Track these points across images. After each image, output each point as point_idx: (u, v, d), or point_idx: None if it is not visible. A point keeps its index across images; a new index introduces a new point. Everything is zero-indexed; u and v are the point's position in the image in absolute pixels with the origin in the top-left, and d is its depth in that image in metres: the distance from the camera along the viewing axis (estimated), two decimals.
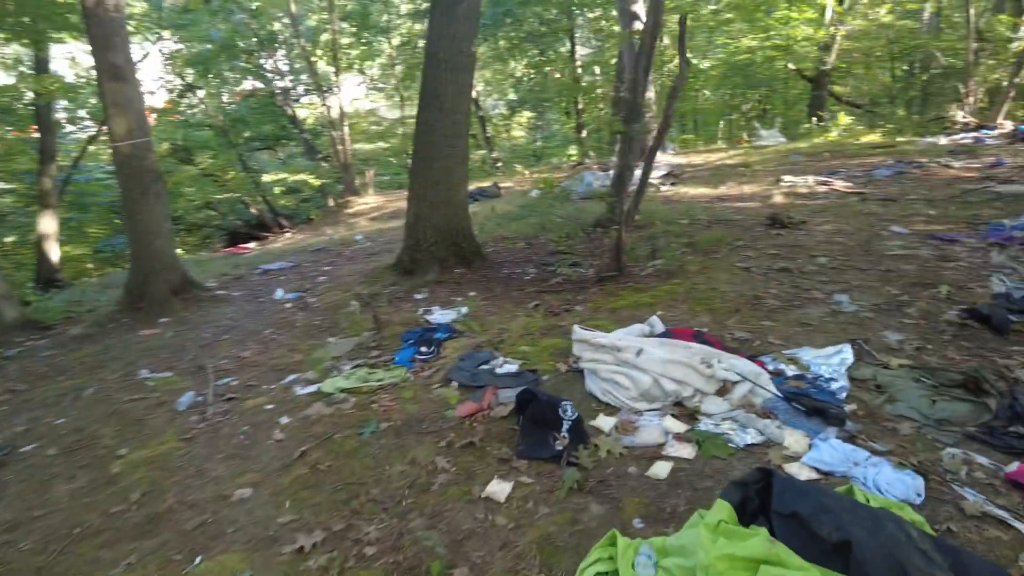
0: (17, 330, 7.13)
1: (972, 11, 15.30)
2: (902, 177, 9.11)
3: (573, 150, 27.89)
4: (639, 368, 3.29)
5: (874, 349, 3.78)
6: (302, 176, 18.97)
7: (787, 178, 9.51)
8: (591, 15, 22.62)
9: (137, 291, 6.74)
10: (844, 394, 3.26)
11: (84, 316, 7.41)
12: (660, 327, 3.92)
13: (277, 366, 4.88)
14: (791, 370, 3.54)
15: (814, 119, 16.57)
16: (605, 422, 3.14)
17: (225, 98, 23.92)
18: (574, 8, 21.20)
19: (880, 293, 4.60)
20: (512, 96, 28.12)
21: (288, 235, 17.08)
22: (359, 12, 20.88)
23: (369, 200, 17.54)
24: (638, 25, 12.83)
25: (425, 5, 23.13)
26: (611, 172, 11.91)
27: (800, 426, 2.97)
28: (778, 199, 8.30)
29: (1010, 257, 5.30)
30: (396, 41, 25.51)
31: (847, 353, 3.64)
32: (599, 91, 25.58)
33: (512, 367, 3.82)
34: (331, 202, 19.41)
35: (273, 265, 8.28)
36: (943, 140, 12.43)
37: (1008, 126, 13.56)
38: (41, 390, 5.08)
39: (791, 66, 19.55)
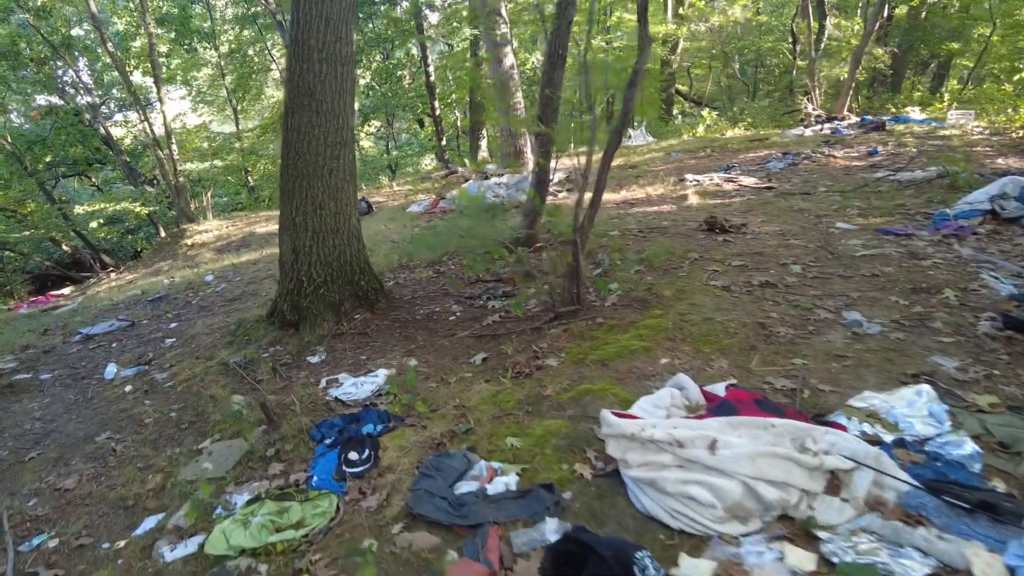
0: None
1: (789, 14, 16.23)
2: (797, 169, 8.96)
3: (428, 160, 26.66)
4: (719, 471, 2.22)
5: (940, 381, 3.03)
6: (124, 204, 16.06)
7: (690, 177, 9.02)
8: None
9: None
10: (978, 465, 2.41)
11: None
12: (695, 391, 2.87)
13: (123, 501, 3.25)
14: (881, 431, 2.65)
15: (679, 116, 16.72)
16: (696, 569, 2.02)
17: (16, 117, 20.06)
18: (422, 5, 20.00)
19: (888, 305, 3.93)
20: (357, 104, 26.34)
21: (114, 275, 14.28)
22: (178, 16, 18.18)
23: (209, 227, 15.16)
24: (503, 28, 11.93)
25: (254, 9, 20.83)
26: (498, 180, 10.92)
27: (969, 533, 2.05)
28: (693, 200, 7.70)
29: (977, 249, 4.93)
30: (224, 49, 22.82)
31: (929, 396, 2.83)
32: (454, 96, 24.58)
33: (508, 481, 2.57)
34: (163, 232, 16.72)
35: (97, 328, 6.24)
36: (808, 132, 12.79)
37: (852, 117, 14.40)
38: None
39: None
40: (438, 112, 21.77)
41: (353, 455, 3.03)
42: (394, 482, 2.77)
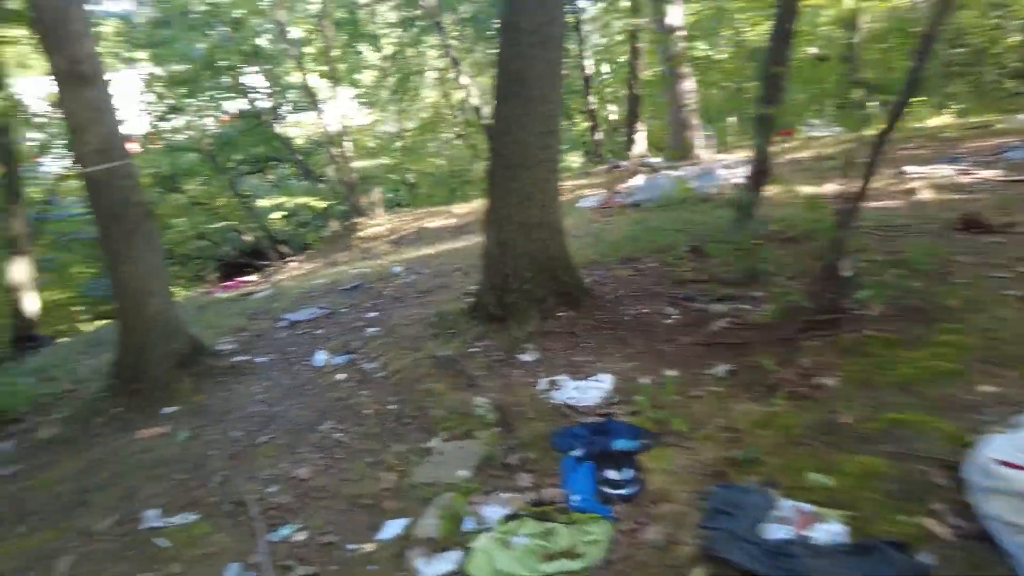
0: None
1: None
2: None
3: (576, 155, 26.26)
4: None
5: None
6: (303, 199, 17.22)
7: (911, 169, 7.89)
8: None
9: (131, 369, 4.97)
10: None
11: (61, 402, 5.62)
12: None
13: (358, 498, 3.15)
14: None
15: (871, 104, 15.01)
16: None
17: (211, 120, 22.23)
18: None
19: None
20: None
21: (294, 264, 15.30)
22: (349, 19, 19.19)
23: (380, 221, 15.80)
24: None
25: (415, 12, 21.59)
26: (671, 172, 10.28)
27: None
28: (925, 195, 6.68)
29: None
30: (387, 51, 23.89)
31: None
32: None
33: (832, 530, 2.09)
34: (335, 226, 17.73)
35: (301, 314, 6.51)
36: None
37: None
38: None
39: (812, 51, 18.07)
40: (593, 106, 21.33)
41: (611, 473, 2.70)
42: (674, 514, 2.38)
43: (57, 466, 4.20)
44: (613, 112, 25.40)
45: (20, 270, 11.08)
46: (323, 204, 17.37)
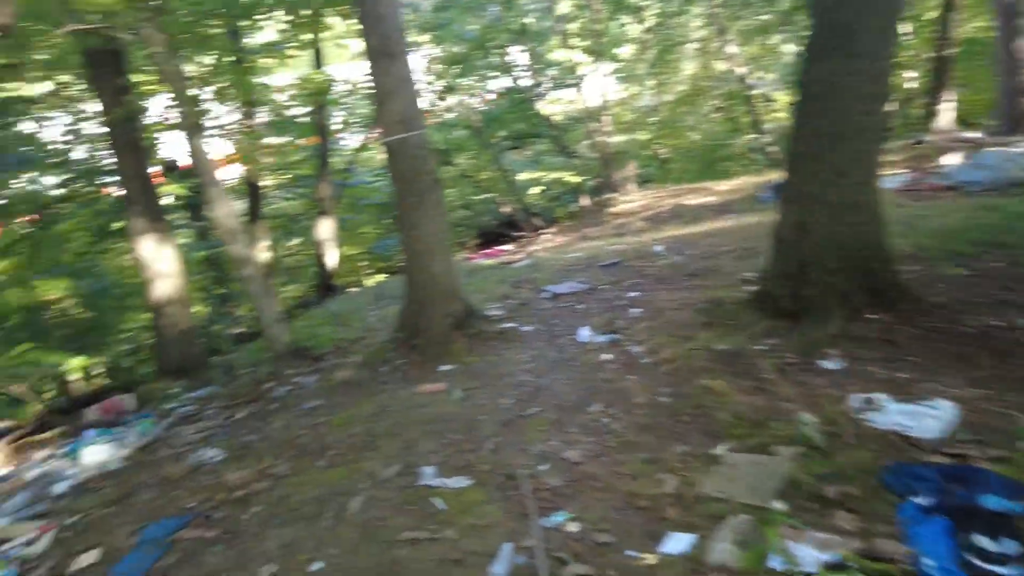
0: (288, 358, 6.24)
1: None
2: None
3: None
4: None
5: None
6: (558, 174, 17.55)
7: None
8: None
9: (412, 323, 5.33)
10: None
11: (354, 346, 6.29)
12: None
13: (635, 498, 2.87)
14: None
15: None
16: None
17: (477, 98, 23.69)
18: None
19: None
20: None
21: (546, 237, 15.71)
22: None
23: (632, 198, 15.44)
24: None
25: None
26: (1012, 150, 8.24)
27: None
28: None
29: None
30: (649, 23, 23.13)
31: None
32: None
33: None
34: (586, 201, 17.80)
35: (562, 287, 6.48)
36: None
37: None
38: (297, 481, 3.71)
39: None
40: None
41: (983, 541, 2.03)
42: None
43: (351, 408, 4.63)
44: (911, 80, 21.66)
45: (326, 228, 12.92)
46: (577, 179, 17.53)
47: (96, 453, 5.42)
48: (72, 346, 10.52)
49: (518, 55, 20.52)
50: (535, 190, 18.61)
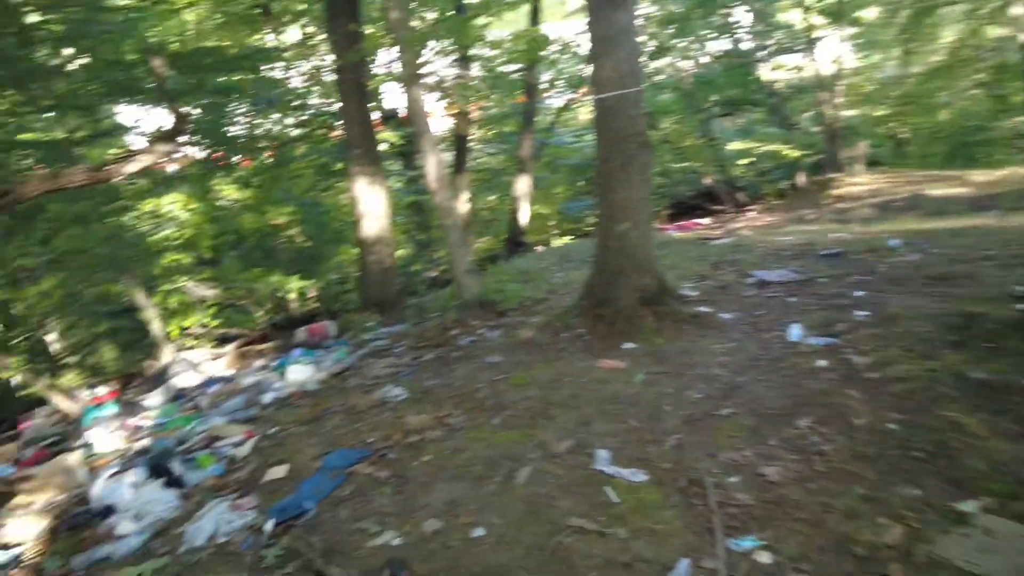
0: (475, 309, 6.34)
1: None
2: None
3: None
4: None
5: None
6: (774, 146, 15.99)
7: None
8: None
9: (599, 293, 5.06)
10: None
11: (538, 306, 6.20)
12: None
13: (847, 541, 2.38)
14: None
15: None
16: None
17: (690, 62, 22.26)
18: None
19: None
20: None
21: (751, 214, 14.50)
22: None
23: (860, 181, 13.62)
24: None
25: None
26: None
27: None
28: None
29: None
30: None
31: None
32: None
33: None
34: (802, 179, 16.09)
35: (772, 274, 5.78)
36: None
37: None
38: (470, 436, 3.67)
39: None
40: None
41: None
42: None
43: (529, 369, 4.52)
44: None
45: (523, 185, 13.03)
46: (795, 153, 15.85)
47: (299, 372, 5.95)
48: (293, 270, 11.83)
49: (742, 15, 18.89)
50: (743, 162, 17.20)
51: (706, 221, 15.15)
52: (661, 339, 4.58)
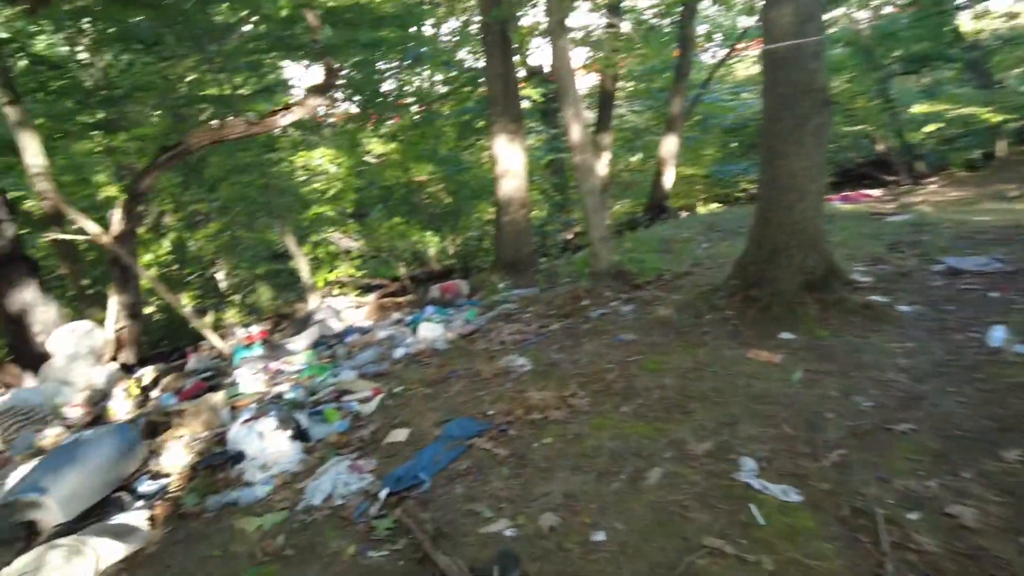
0: (608, 278, 5.97)
1: None
2: None
3: None
4: None
5: None
6: (970, 109, 13.77)
7: None
8: None
9: (754, 272, 4.49)
10: None
11: (679, 281, 5.71)
12: None
13: None
14: None
15: None
16: None
17: (866, 11, 19.65)
18: None
19: None
20: None
21: (932, 188, 12.71)
22: None
23: None
24: None
25: None
26: None
27: None
28: None
29: None
30: None
31: None
32: None
33: None
34: (1002, 147, 13.83)
35: (967, 261, 4.84)
36: None
37: None
38: (596, 422, 3.36)
39: None
40: None
41: None
42: None
43: (666, 353, 4.12)
44: None
45: (669, 145, 12.23)
46: (997, 118, 13.57)
47: (429, 330, 5.94)
48: (433, 226, 12.05)
49: None
50: (928, 128, 15.06)
51: (876, 193, 13.52)
52: (825, 331, 3.97)
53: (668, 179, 12.45)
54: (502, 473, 3.08)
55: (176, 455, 4.08)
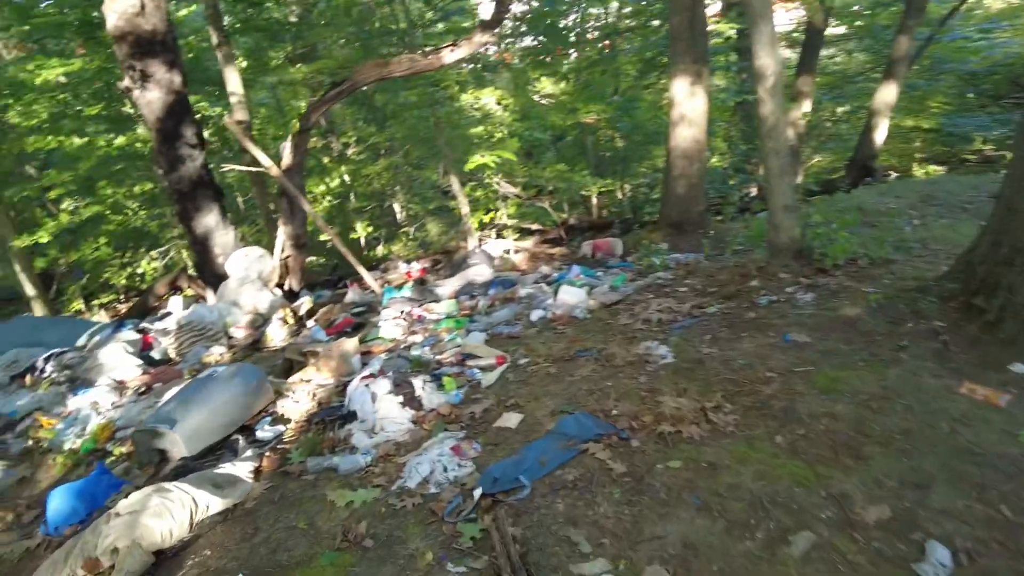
0: (787, 257, 5.07)
1: None
2: None
3: None
4: None
5: None
6: None
7: None
8: None
9: (984, 273, 3.43)
10: None
11: (876, 270, 4.66)
12: None
13: None
14: None
15: None
16: None
17: None
18: None
19: None
20: None
21: None
22: None
23: None
24: None
25: None
26: None
27: None
28: None
29: None
30: None
31: None
32: None
33: None
34: None
35: None
36: None
37: None
38: (738, 449, 2.73)
39: None
40: None
41: None
42: None
43: (846, 368, 3.30)
44: None
45: (886, 94, 10.30)
46: None
47: (570, 294, 5.50)
48: (601, 171, 11.38)
49: None
50: None
51: None
52: None
53: (879, 134, 10.55)
54: (613, 496, 2.61)
55: (299, 401, 4.11)
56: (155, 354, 6.30)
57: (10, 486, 3.77)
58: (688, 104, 7.63)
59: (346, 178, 12.05)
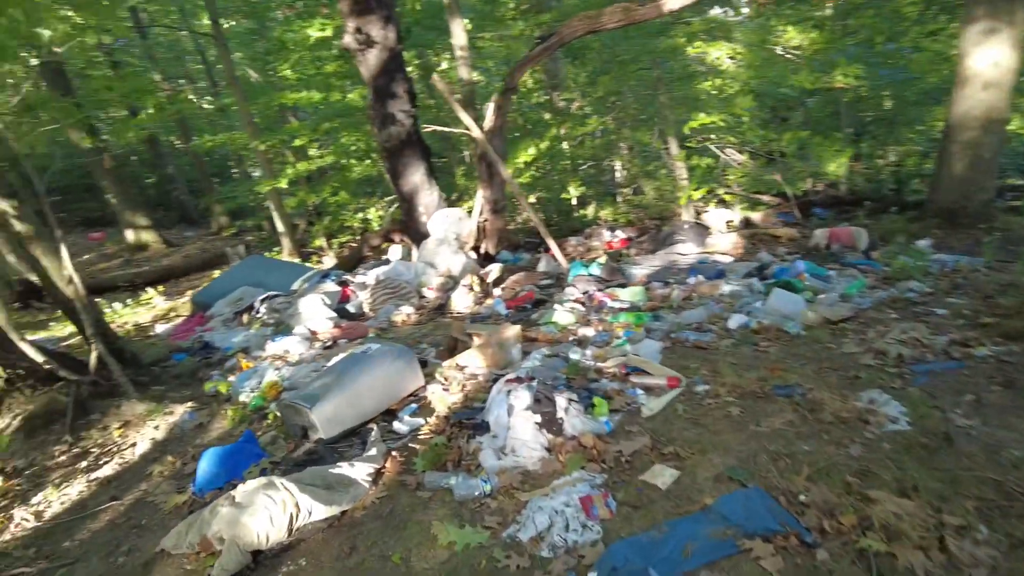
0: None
1: None
2: None
3: None
4: None
5: None
6: None
7: None
8: None
9: None
10: None
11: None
12: None
13: None
14: None
15: None
16: None
17: None
18: None
19: None
20: None
21: None
22: None
23: None
24: None
25: None
26: None
27: None
28: None
29: None
30: None
31: None
32: None
33: None
34: None
35: None
36: None
37: None
38: None
39: None
40: None
41: None
42: None
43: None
44: None
45: None
46: None
47: (784, 301, 4.49)
48: (854, 138, 9.49)
49: None
50: None
51: None
52: None
53: None
54: None
55: (448, 389, 3.84)
56: (351, 307, 6.58)
57: (190, 430, 4.06)
58: (982, 57, 5.79)
59: (562, 136, 11.62)
